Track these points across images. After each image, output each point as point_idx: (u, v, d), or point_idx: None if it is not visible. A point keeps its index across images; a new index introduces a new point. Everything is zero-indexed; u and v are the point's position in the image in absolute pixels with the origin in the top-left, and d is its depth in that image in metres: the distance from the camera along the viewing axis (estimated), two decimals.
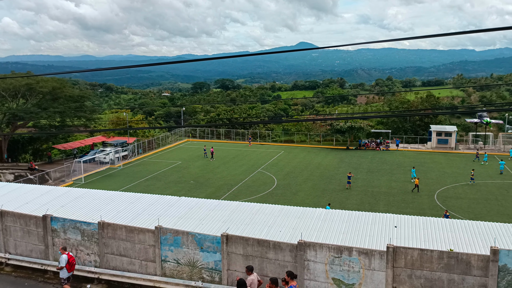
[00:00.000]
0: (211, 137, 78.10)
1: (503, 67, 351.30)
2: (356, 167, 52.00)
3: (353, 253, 13.00)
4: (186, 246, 14.82)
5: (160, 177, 47.96)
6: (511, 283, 11.92)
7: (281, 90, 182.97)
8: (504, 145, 66.17)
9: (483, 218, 30.82)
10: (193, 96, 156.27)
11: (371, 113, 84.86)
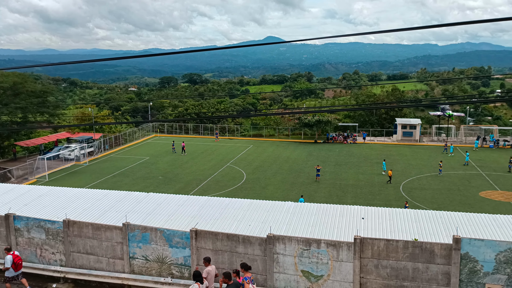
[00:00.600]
0: (179, 132, 77.40)
1: (465, 61, 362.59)
2: (324, 160, 52.64)
3: (321, 245, 13.16)
4: (154, 243, 14.66)
5: (128, 173, 47.22)
6: (472, 270, 12.35)
7: (249, 84, 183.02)
8: (466, 137, 68.34)
9: (446, 208, 31.80)
10: (161, 91, 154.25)
11: (339, 107, 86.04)
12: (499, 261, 12.12)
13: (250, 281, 12.16)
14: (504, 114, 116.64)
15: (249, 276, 12.25)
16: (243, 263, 12.55)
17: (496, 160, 52.21)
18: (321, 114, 68.03)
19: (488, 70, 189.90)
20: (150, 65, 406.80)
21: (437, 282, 12.55)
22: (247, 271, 12.34)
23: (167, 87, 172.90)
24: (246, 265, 12.45)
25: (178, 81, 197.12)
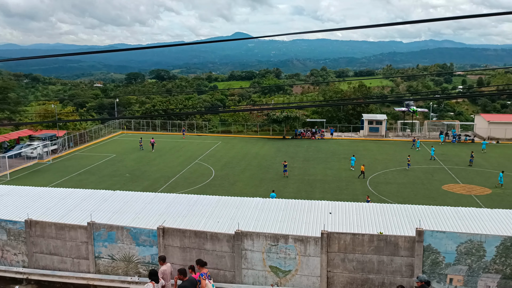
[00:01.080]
0: (147, 128, 76.33)
1: (428, 58, 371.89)
2: (292, 156, 53.02)
3: (289, 241, 13.26)
4: (121, 241, 14.42)
5: (94, 171, 46.25)
6: (435, 261, 12.71)
7: (217, 80, 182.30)
8: (429, 132, 70.21)
9: (410, 201, 32.60)
10: (127, 87, 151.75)
11: (307, 103, 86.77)
12: (460, 252, 12.52)
13: (206, 276, 12.18)
14: (466, 109, 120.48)
15: (206, 272, 12.26)
16: (198, 260, 12.53)
17: (457, 154, 53.86)
18: (289, 110, 68.46)
19: (450, 67, 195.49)
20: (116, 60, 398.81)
21: (401, 274, 12.87)
22: (203, 267, 12.34)
23: (134, 83, 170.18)
24: (202, 261, 12.44)
25: (145, 77, 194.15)
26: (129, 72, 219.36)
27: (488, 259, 12.45)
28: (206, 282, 12.10)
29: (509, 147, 59.36)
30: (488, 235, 12.61)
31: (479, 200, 35.54)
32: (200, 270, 12.26)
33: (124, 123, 76.64)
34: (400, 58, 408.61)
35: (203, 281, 12.02)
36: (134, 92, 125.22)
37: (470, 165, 47.44)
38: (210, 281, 12.24)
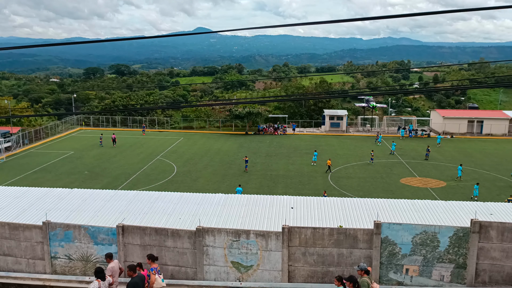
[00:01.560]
0: (107, 125, 74.59)
1: (387, 55, 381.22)
2: (255, 152, 53.19)
3: (250, 236, 13.30)
4: (78, 240, 14.05)
5: (50, 169, 44.82)
6: (392, 253, 13.07)
7: (179, 76, 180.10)
8: (388, 127, 72.07)
9: (370, 195, 33.40)
10: (86, 82, 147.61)
11: (270, 98, 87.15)
12: (415, 243, 12.93)
13: (156, 271, 12.14)
14: (422, 105, 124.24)
15: (156, 267, 12.21)
16: (149, 254, 12.46)
17: (414, 148, 55.55)
18: (251, 106, 68.58)
19: (407, 64, 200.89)
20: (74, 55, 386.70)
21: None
22: (154, 262, 12.28)
23: (92, 78, 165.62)
24: (153, 256, 12.39)
25: (104, 72, 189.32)
26: (88, 66, 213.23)
27: (442, 249, 12.91)
28: (156, 277, 12.03)
29: (462, 141, 61.75)
30: (442, 226, 13.07)
31: (434, 192, 36.82)
32: (151, 265, 12.19)
33: (82, 119, 74.61)
34: (360, 54, 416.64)
35: (152, 276, 11.96)
36: (93, 88, 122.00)
37: (426, 159, 49.03)
38: (160, 276, 12.20)
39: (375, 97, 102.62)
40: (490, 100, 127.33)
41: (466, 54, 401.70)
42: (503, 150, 54.96)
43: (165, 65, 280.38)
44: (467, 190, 37.53)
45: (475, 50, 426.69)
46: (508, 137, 64.93)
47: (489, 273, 12.90)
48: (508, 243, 12.70)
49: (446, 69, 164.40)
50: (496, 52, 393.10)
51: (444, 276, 12.99)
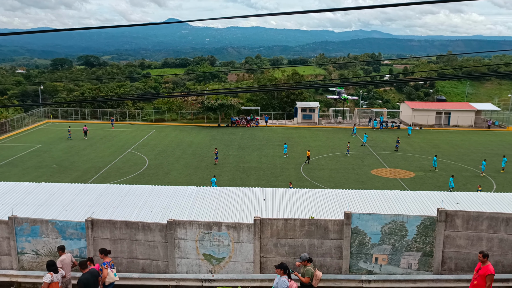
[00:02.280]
0: (75, 117, 73.01)
1: (358, 47, 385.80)
2: (227, 144, 53.08)
3: (222, 228, 13.28)
4: (46, 235, 13.73)
5: (17, 163, 43.60)
6: (362, 242, 13.29)
7: (150, 67, 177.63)
8: (359, 119, 73.05)
9: (341, 186, 33.88)
10: (53, 73, 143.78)
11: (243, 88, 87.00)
12: (384, 232, 13.17)
13: (109, 266, 12.07)
14: (392, 97, 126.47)
15: (109, 261, 12.15)
16: (101, 249, 12.38)
17: (385, 140, 56.55)
18: (224, 98, 68.32)
19: (378, 57, 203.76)
20: (40, 45, 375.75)
21: (331, 256, 13.33)
22: (107, 256, 12.22)
23: (60, 69, 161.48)
24: (105, 250, 12.32)
25: (72, 63, 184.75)
26: (55, 57, 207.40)
27: (409, 238, 13.21)
28: (108, 271, 11.96)
29: (430, 132, 63.22)
30: (409, 216, 13.36)
31: (404, 183, 37.61)
32: (103, 259, 12.11)
33: (50, 111, 72.76)
34: (332, 47, 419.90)
35: (105, 271, 11.88)
36: (61, 79, 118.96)
37: (396, 150, 49.98)
38: (112, 270, 12.13)
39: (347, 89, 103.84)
40: (458, 92, 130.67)
41: (434, 47, 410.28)
42: (469, 141, 56.56)
43: (136, 57, 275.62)
44: (435, 180, 38.50)
45: (443, 44, 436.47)
46: (474, 129, 66.85)
47: (455, 260, 13.28)
48: (473, 231, 13.09)
49: (416, 62, 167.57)
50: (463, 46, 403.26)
51: (412, 264, 13.30)
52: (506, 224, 13.00)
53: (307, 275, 11.24)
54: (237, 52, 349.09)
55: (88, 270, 11.32)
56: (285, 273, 10.65)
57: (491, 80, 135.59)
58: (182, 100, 74.20)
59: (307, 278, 11.28)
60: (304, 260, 11.58)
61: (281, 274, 10.65)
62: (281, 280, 10.53)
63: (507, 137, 59.88)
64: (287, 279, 10.52)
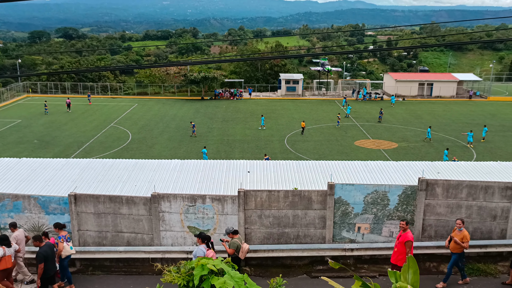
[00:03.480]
0: (55, 91, 71.61)
1: (342, 18, 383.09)
2: (211, 117, 52.84)
3: (206, 201, 13.34)
4: (28, 211, 13.63)
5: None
6: (345, 212, 13.50)
7: (131, 40, 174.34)
8: (343, 90, 73.14)
9: (325, 158, 34.15)
10: (31, 46, 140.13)
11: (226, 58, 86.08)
12: (367, 202, 13.39)
13: (65, 239, 12.17)
14: (376, 68, 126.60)
15: (64, 235, 12.24)
16: (55, 223, 12.48)
17: (368, 111, 56.87)
18: (207, 71, 67.58)
19: (362, 27, 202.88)
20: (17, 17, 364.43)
21: (315, 226, 13.53)
22: (62, 230, 12.31)
23: (38, 42, 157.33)
24: (60, 224, 12.42)
25: (51, 36, 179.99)
26: (32, 30, 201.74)
27: (391, 207, 13.45)
28: (64, 244, 12.04)
29: (413, 103, 63.75)
30: (391, 185, 13.57)
31: (386, 153, 38.07)
32: (59, 233, 12.19)
33: (29, 86, 71.20)
34: (315, 18, 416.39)
35: (60, 244, 11.96)
36: (40, 52, 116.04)
37: (380, 122, 50.37)
38: (68, 243, 12.22)
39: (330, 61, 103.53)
40: (440, 63, 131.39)
41: (418, 18, 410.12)
42: (450, 112, 57.24)
43: (116, 29, 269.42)
44: (417, 150, 39.04)
45: (427, 14, 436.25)
46: (456, 99, 67.57)
47: (435, 228, 13.60)
48: (452, 199, 13.38)
49: (399, 32, 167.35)
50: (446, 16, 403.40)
51: (393, 233, 13.59)
52: (485, 192, 13.30)
53: (232, 247, 11.57)
54: (220, 24, 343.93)
55: (44, 243, 11.42)
56: (204, 242, 11.05)
57: (473, 51, 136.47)
58: (165, 73, 73.19)
59: (232, 249, 11.56)
60: (229, 233, 11.85)
61: (200, 243, 11.09)
62: (199, 248, 10.94)
63: (488, 107, 60.75)
64: (204, 247, 10.95)
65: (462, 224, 11.78)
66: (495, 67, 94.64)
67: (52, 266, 11.56)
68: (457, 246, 11.80)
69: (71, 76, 75.65)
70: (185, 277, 3.04)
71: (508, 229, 13.58)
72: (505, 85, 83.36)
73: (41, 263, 11.12)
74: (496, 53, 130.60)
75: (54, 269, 11.76)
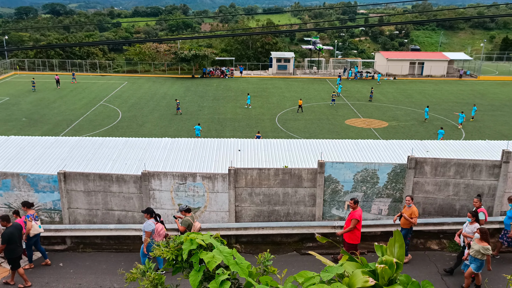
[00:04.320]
0: (43, 68, 70.54)
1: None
2: (202, 95, 52.52)
3: (197, 179, 13.36)
4: (17, 189, 13.57)
5: None
6: (334, 190, 13.61)
7: (120, 16, 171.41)
8: (334, 69, 72.93)
9: (316, 136, 34.24)
10: (18, 22, 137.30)
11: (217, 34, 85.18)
12: (356, 180, 13.49)
13: (33, 218, 12.22)
14: (368, 47, 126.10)
15: (32, 213, 12.28)
16: (23, 202, 12.52)
17: (359, 90, 56.87)
18: (197, 48, 66.85)
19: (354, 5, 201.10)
20: None
21: (305, 204, 13.65)
22: (30, 209, 12.35)
23: (25, 18, 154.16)
24: (27, 202, 12.47)
25: (38, 12, 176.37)
26: (19, 6, 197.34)
27: (381, 185, 13.58)
28: (33, 223, 12.11)
29: (404, 82, 63.81)
30: (381, 164, 13.68)
31: (377, 132, 38.26)
32: (27, 212, 12.22)
33: (16, 63, 70.03)
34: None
35: (29, 223, 12.01)
36: (27, 28, 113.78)
37: (370, 100, 50.44)
38: (37, 222, 12.30)
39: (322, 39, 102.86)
40: (432, 42, 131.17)
41: None
42: (441, 91, 57.42)
43: (105, 5, 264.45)
44: (407, 129, 39.27)
45: None
46: (446, 78, 67.74)
47: (423, 205, 13.79)
48: (440, 177, 13.53)
49: (391, 11, 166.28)
50: None
51: (382, 210, 13.76)
52: (472, 170, 13.47)
53: (184, 225, 11.75)
54: (211, 1, 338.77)
55: (11, 224, 11.34)
56: (151, 216, 11.40)
57: (464, 30, 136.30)
58: (155, 51, 72.27)
59: (183, 227, 11.72)
60: (182, 211, 12.06)
61: (148, 218, 11.40)
62: (147, 223, 11.31)
63: (477, 87, 61.02)
64: (153, 221, 11.32)
65: (411, 200, 12.18)
66: (486, 46, 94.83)
67: (20, 246, 11.49)
68: (407, 222, 12.17)
69: (59, 53, 74.46)
70: (174, 252, 3.06)
71: (495, 207, 13.81)
72: (495, 64, 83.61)
73: (3, 244, 11.07)
74: (487, 32, 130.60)
75: (22, 249, 11.71)
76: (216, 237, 3.22)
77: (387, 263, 2.51)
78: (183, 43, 76.44)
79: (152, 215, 11.44)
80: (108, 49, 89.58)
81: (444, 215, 13.84)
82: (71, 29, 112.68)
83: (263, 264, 3.32)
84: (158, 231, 11.41)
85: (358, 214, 11.74)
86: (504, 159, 13.40)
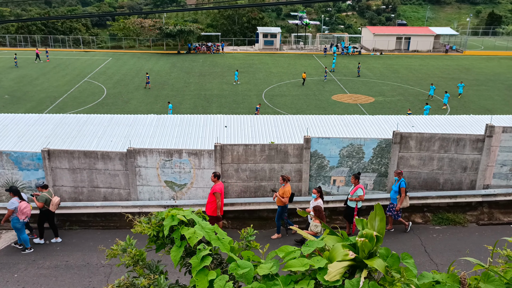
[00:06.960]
0: (25, 44, 68.97)
1: None
2: (188, 72, 51.97)
3: (183, 155, 13.31)
4: (1, 167, 13.41)
5: None
6: (320, 166, 13.69)
7: None
8: (321, 44, 72.50)
9: (303, 112, 34.22)
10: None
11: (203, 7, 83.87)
12: (342, 155, 13.57)
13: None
14: (355, 22, 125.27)
15: None
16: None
17: (346, 66, 56.74)
18: (183, 24, 65.80)
19: None
20: None
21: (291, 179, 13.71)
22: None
23: None
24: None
25: None
26: None
27: (366, 160, 13.69)
28: None
29: (390, 57, 63.79)
30: (367, 139, 13.75)
31: (363, 108, 38.38)
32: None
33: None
34: None
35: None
36: (7, 2, 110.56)
37: (359, 76, 50.41)
38: None
39: (309, 14, 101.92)
40: (418, 17, 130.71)
41: None
42: (427, 66, 57.57)
43: None
44: (393, 105, 39.44)
45: None
46: (433, 53, 67.87)
47: (408, 179, 13.95)
48: (425, 152, 13.68)
49: None
50: None
51: (368, 185, 13.90)
52: (456, 144, 13.62)
53: (41, 201, 12.02)
54: None
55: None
56: (15, 195, 11.75)
57: (451, 4, 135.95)
58: (139, 26, 70.93)
59: (41, 203, 12.00)
60: (38, 187, 12.31)
61: (12, 196, 11.79)
62: (11, 201, 11.63)
63: (463, 61, 61.28)
64: (17, 200, 11.65)
65: (283, 180, 12.37)
66: (472, 21, 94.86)
67: None
68: (280, 200, 12.42)
69: (40, 29, 72.71)
70: (155, 228, 3.06)
71: (478, 180, 14.04)
72: (481, 39, 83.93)
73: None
74: (473, 7, 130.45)
75: None
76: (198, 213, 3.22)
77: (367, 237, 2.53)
78: (168, 18, 75.16)
79: (16, 194, 11.75)
80: (92, 25, 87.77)
81: (428, 189, 14.04)
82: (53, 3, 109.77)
83: (246, 239, 3.33)
84: (21, 209, 11.69)
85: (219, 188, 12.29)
86: (487, 134, 13.57)
